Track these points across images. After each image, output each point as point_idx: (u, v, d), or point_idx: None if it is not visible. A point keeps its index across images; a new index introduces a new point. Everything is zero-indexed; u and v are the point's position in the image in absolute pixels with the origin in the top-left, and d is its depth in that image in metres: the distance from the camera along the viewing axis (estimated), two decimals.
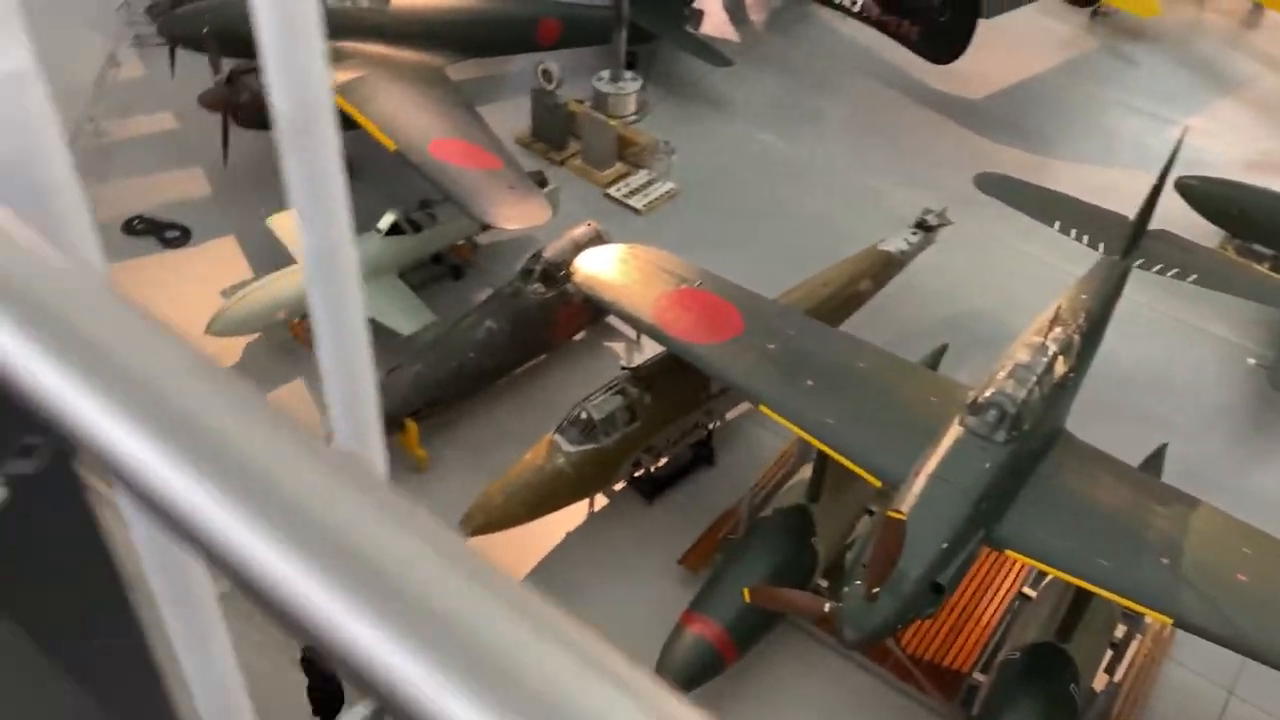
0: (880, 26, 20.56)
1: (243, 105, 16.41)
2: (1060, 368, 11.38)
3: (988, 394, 10.72)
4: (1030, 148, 21.22)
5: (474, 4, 20.43)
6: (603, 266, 13.33)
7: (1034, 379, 10.91)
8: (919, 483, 10.15)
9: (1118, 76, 23.76)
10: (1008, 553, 10.53)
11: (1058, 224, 14.35)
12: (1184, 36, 25.41)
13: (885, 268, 15.61)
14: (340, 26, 17.91)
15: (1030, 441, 10.84)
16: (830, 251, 17.26)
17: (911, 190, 19.33)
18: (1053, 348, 11.36)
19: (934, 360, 14.23)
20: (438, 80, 18.15)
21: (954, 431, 10.62)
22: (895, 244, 15.81)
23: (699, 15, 22.56)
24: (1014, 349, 11.56)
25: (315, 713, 10.14)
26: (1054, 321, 11.73)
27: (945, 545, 9.82)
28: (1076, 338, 11.85)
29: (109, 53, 20.15)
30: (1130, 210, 15.05)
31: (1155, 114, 22.43)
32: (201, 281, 15.92)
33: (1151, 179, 13.83)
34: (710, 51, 21.30)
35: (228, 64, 16.65)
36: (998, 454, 10.43)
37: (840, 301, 14.96)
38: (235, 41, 17.05)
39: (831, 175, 19.82)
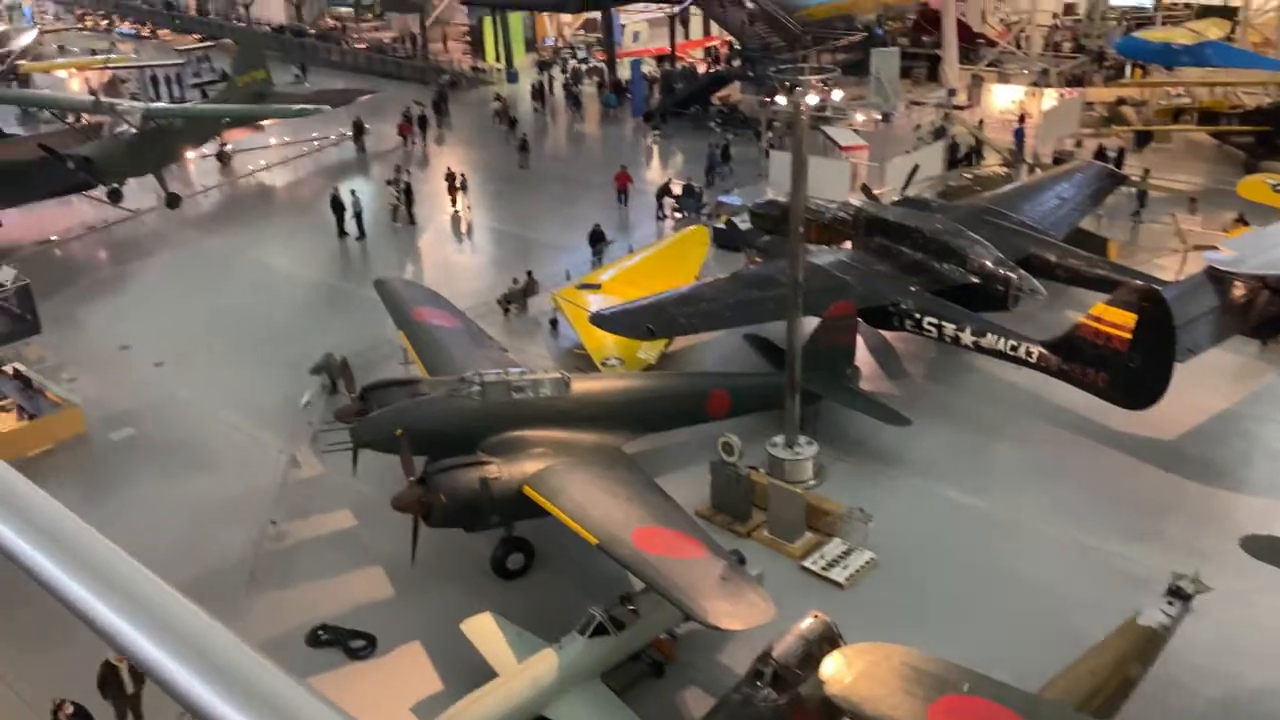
0: (1063, 376, 19.94)
1: (434, 505, 16.08)
2: None
3: None
4: (1242, 489, 19.67)
5: (647, 382, 20.60)
6: (852, 675, 11.84)
7: None
8: None
9: None
10: None
11: None
12: None
13: (1150, 646, 13.75)
14: (525, 416, 17.96)
15: None
16: (1065, 624, 15.55)
17: (1133, 545, 17.78)
18: None
19: None
20: (620, 460, 17.80)
21: None
22: (1154, 617, 14.02)
23: (858, 372, 22.38)
24: None
25: None
26: None
27: None
28: None
29: (290, 455, 20.41)
30: None
31: None
32: (394, 698, 14.77)
33: None
34: (886, 410, 20.81)
35: (418, 463, 16.52)
36: None
37: (1111, 690, 13.05)
38: (427, 441, 17.19)
39: (1038, 532, 18.41)
